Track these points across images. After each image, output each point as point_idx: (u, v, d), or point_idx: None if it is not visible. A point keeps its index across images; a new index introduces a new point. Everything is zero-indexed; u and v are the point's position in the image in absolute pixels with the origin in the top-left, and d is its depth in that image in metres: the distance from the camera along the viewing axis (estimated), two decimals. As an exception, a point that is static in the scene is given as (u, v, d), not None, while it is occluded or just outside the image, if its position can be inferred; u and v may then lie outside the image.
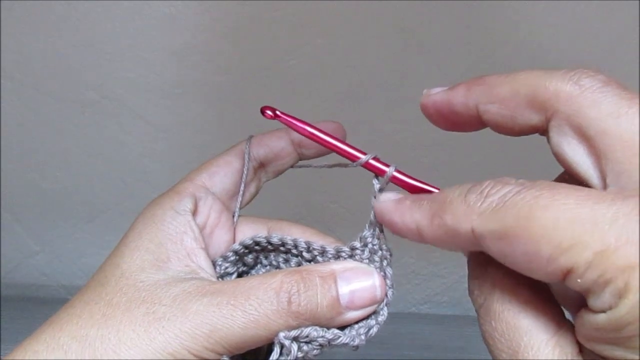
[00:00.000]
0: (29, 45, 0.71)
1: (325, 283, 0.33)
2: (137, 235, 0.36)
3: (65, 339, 0.31)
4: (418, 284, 0.82)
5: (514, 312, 0.27)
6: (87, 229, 0.82)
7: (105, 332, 0.31)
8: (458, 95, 0.32)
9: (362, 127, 0.72)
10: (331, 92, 0.72)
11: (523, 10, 0.67)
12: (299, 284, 0.33)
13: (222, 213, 0.40)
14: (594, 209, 0.23)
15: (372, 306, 0.34)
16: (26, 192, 0.79)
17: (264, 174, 0.43)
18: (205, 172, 0.40)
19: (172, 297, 0.32)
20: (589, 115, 0.26)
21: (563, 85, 0.27)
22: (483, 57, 0.69)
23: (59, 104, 0.74)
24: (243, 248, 0.38)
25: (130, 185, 0.79)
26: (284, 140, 0.41)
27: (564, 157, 0.28)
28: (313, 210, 0.78)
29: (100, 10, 0.69)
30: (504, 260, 0.25)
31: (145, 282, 0.33)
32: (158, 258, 0.35)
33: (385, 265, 0.35)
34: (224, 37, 0.70)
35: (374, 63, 0.70)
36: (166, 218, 0.36)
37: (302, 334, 0.32)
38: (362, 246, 0.35)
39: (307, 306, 0.32)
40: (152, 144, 0.76)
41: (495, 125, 0.31)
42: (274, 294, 0.32)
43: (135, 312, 0.32)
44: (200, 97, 0.73)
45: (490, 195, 0.26)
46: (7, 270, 0.84)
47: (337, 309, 0.33)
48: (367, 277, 0.34)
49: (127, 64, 0.72)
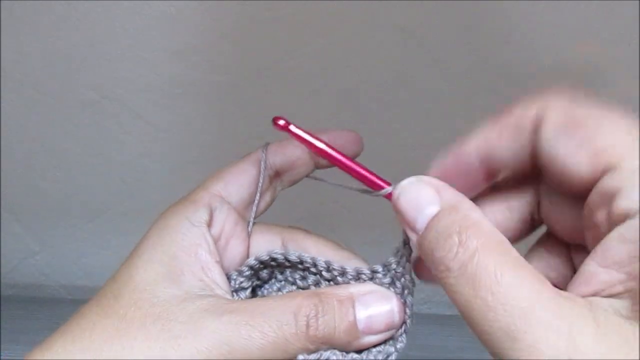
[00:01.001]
0: (29, 45, 0.71)
1: (343, 307, 0.33)
2: (150, 246, 0.35)
3: (77, 353, 0.31)
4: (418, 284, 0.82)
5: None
6: (87, 229, 0.82)
7: (119, 347, 0.31)
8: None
9: (362, 127, 0.72)
10: (331, 92, 0.72)
11: (523, 10, 0.67)
12: (317, 307, 0.32)
13: (238, 224, 0.38)
14: None
15: (389, 331, 0.34)
16: (26, 192, 0.79)
17: (279, 183, 0.41)
18: (221, 180, 0.38)
19: (189, 315, 0.32)
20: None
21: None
22: (483, 57, 0.69)
23: (59, 104, 0.74)
24: (259, 263, 0.37)
25: (130, 185, 0.79)
26: (301, 148, 0.40)
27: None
28: (314, 210, 0.78)
29: (100, 10, 0.69)
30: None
31: (160, 297, 0.33)
32: (172, 271, 0.34)
33: (406, 294, 0.35)
34: (224, 37, 0.70)
35: (374, 63, 0.70)
36: (181, 229, 0.35)
37: (320, 358, 0.32)
38: (384, 271, 0.35)
39: (325, 330, 0.32)
40: (152, 144, 0.76)
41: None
42: (292, 317, 0.32)
43: (151, 328, 0.31)
44: (200, 97, 0.73)
45: None
46: (7, 270, 0.84)
47: (355, 334, 0.33)
48: (385, 301, 0.34)
49: (127, 64, 0.72)
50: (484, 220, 0.28)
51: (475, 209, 0.29)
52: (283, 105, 0.72)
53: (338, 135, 0.39)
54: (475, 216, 0.28)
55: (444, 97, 0.70)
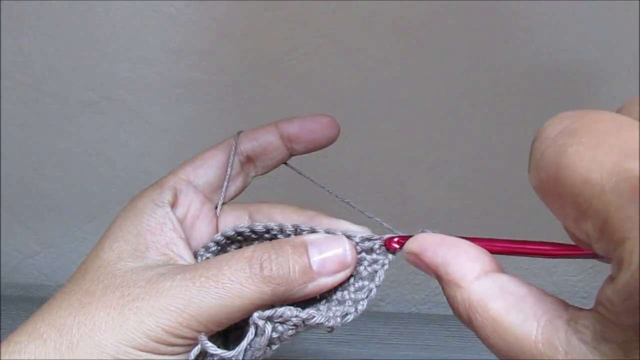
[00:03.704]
0: (29, 45, 0.71)
1: (297, 250, 0.34)
2: (117, 228, 0.37)
3: (45, 329, 0.32)
4: (418, 284, 0.82)
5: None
6: (87, 229, 0.82)
7: (82, 318, 0.32)
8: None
9: (362, 127, 0.72)
10: (331, 92, 0.72)
11: (523, 10, 0.67)
12: (270, 252, 0.33)
13: (204, 205, 0.40)
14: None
15: (343, 271, 0.35)
16: (26, 192, 0.79)
17: (252, 169, 0.42)
18: (190, 165, 0.41)
19: (147, 280, 0.32)
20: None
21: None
22: (483, 57, 0.69)
23: (59, 104, 0.74)
24: (225, 239, 0.38)
25: (130, 185, 0.78)
26: (272, 134, 0.41)
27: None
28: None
29: (100, 10, 0.69)
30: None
31: (121, 269, 0.34)
32: (137, 248, 0.35)
33: (378, 269, 0.35)
34: (224, 37, 0.70)
35: (374, 63, 0.70)
36: (146, 210, 0.37)
37: (276, 314, 0.32)
38: (359, 244, 0.36)
39: (279, 271, 0.32)
40: (152, 144, 0.76)
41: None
42: (246, 262, 0.32)
43: (111, 296, 0.32)
44: (200, 97, 0.73)
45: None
46: (7, 270, 0.84)
47: (309, 274, 0.33)
48: (337, 243, 0.35)
49: (127, 64, 0.72)
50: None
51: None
52: (283, 105, 0.72)
53: (311, 120, 0.40)
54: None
55: (444, 97, 0.70)
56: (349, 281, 0.36)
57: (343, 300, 0.35)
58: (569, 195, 0.20)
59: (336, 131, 0.41)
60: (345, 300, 0.35)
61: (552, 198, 0.22)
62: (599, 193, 0.19)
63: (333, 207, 0.81)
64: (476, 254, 0.28)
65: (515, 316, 0.24)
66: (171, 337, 0.31)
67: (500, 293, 0.25)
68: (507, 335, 0.24)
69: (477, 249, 0.28)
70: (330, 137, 0.41)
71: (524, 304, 0.24)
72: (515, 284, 0.26)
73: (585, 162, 0.20)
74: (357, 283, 0.36)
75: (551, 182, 0.21)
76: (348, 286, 0.36)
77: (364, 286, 0.35)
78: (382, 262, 0.35)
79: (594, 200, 0.19)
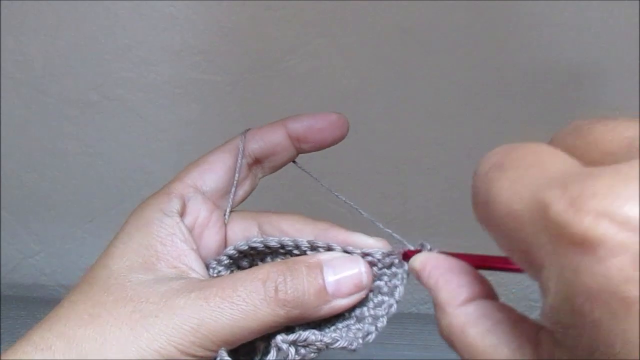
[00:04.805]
0: (29, 45, 0.71)
1: (312, 271, 0.33)
2: (126, 237, 0.35)
3: (53, 340, 0.31)
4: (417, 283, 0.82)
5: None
6: (87, 229, 0.82)
7: (92, 332, 0.31)
8: None
9: (362, 127, 0.72)
10: (331, 92, 0.72)
11: (523, 10, 0.67)
12: (285, 273, 0.33)
13: (213, 213, 0.38)
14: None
15: (359, 293, 0.34)
16: (26, 192, 0.79)
17: (260, 170, 0.41)
18: (196, 170, 0.39)
19: (160, 295, 0.32)
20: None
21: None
22: (483, 58, 0.69)
23: (59, 104, 0.74)
24: (237, 253, 0.37)
25: (130, 185, 0.79)
26: (280, 133, 0.39)
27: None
28: (313, 211, 0.78)
29: (100, 10, 0.69)
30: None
31: (132, 281, 0.33)
32: (147, 260, 0.34)
33: (398, 285, 0.35)
34: (224, 37, 0.70)
35: (374, 63, 0.70)
36: (154, 220, 0.36)
37: (300, 338, 0.31)
38: (380, 261, 0.35)
39: (294, 294, 0.32)
40: (152, 144, 0.76)
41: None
42: (260, 284, 0.32)
43: (122, 311, 0.32)
44: (200, 97, 0.73)
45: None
46: (7, 270, 0.84)
47: (324, 297, 0.33)
48: (353, 264, 0.34)
49: (127, 64, 0.72)
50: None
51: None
52: (283, 105, 0.72)
53: (320, 118, 0.39)
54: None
55: (444, 97, 0.70)
56: (368, 296, 0.35)
57: (362, 317, 0.35)
58: (497, 227, 0.21)
59: (345, 129, 0.39)
60: (365, 317, 0.35)
61: (489, 230, 0.23)
62: (520, 224, 0.20)
63: (333, 207, 0.81)
64: (468, 280, 0.28)
65: (489, 341, 0.25)
66: (183, 356, 0.31)
67: (479, 319, 0.26)
68: (482, 359, 0.25)
69: (471, 275, 0.28)
70: (340, 135, 0.39)
71: (499, 328, 0.25)
72: (495, 309, 0.26)
73: (508, 195, 0.21)
74: (376, 298, 0.35)
75: (485, 215, 0.22)
76: (367, 302, 0.35)
77: (383, 301, 0.35)
78: (401, 276, 0.35)
79: (516, 231, 0.20)
